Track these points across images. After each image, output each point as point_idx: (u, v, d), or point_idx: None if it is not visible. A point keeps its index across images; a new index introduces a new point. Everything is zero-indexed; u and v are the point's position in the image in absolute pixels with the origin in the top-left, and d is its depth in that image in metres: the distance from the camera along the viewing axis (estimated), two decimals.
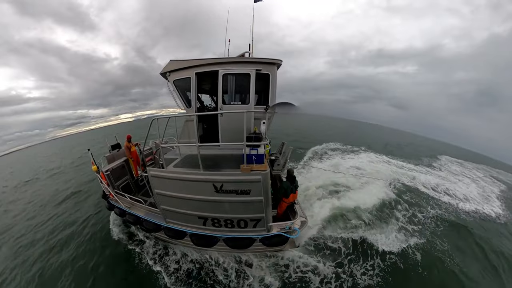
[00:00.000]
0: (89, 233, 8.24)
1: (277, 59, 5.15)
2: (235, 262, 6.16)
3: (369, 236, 7.36)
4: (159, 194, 4.95)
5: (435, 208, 10.09)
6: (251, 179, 4.16)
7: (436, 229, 8.38)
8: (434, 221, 8.89)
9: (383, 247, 6.91)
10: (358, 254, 6.64)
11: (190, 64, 5.19)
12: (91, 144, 35.74)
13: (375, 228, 7.86)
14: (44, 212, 10.80)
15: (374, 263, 6.36)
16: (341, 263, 6.28)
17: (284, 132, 32.74)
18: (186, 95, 5.69)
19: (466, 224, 9.04)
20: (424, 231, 8.13)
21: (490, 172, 20.54)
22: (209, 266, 6.15)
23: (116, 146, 8.69)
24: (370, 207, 9.10)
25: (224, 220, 4.87)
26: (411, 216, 9.08)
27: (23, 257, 7.28)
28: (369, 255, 6.63)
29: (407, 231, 7.92)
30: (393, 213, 9.09)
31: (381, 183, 11.16)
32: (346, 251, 6.75)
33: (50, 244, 7.82)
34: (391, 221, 8.45)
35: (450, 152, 30.37)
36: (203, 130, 6.54)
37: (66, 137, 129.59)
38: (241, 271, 5.95)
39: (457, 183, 14.50)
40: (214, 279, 5.79)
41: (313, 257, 6.39)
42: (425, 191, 12.04)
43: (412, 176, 14.49)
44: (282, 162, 7.51)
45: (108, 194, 7.09)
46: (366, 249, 6.85)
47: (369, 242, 7.12)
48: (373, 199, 9.67)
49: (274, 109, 5.74)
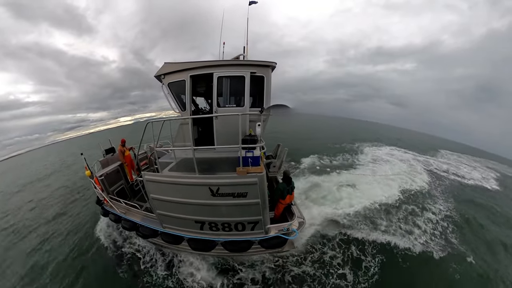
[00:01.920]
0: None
1: (271, 61, 5.18)
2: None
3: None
4: (154, 198, 4.88)
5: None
6: (248, 182, 4.14)
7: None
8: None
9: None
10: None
11: (185, 67, 5.16)
12: (89, 147, 35.35)
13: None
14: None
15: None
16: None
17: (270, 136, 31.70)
18: (180, 98, 5.65)
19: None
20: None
21: (486, 164, 23.75)
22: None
23: (110, 150, 8.55)
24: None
25: (222, 224, 4.83)
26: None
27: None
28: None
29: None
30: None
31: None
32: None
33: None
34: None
35: (448, 147, 33.11)
36: (198, 133, 6.50)
37: (66, 141, 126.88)
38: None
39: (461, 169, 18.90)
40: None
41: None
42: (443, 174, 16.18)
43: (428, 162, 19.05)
44: (278, 164, 7.52)
45: (102, 199, 6.96)
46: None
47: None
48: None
49: (269, 111, 5.76)
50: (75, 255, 7.40)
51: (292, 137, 27.79)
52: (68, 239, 8.38)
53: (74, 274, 6.52)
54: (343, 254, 6.67)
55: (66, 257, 7.33)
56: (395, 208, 9.53)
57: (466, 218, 9.49)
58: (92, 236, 8.35)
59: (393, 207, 9.55)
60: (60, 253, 7.58)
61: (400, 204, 9.88)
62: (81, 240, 8.18)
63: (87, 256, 7.27)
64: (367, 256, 6.64)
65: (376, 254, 6.73)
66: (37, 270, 6.89)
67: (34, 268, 7.00)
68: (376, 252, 6.84)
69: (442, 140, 48.86)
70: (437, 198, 11.32)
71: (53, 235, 8.82)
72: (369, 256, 6.64)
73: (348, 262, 6.43)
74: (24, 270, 6.99)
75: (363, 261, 6.50)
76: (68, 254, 7.45)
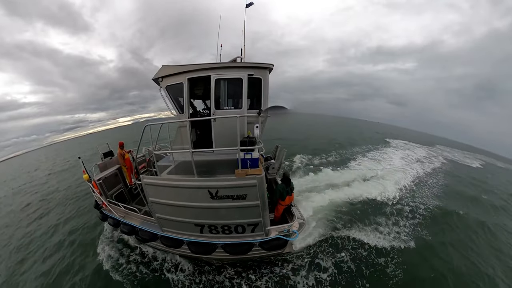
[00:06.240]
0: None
1: (268, 63, 5.20)
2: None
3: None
4: (153, 202, 4.86)
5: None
6: (247, 184, 4.14)
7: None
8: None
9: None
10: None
11: (182, 70, 5.16)
12: (87, 148, 35.24)
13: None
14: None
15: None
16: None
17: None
18: (178, 101, 5.64)
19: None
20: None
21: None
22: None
23: (109, 154, 8.49)
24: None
25: (222, 227, 4.81)
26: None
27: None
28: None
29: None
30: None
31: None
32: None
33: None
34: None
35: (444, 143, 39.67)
36: (197, 136, 6.49)
37: (64, 142, 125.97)
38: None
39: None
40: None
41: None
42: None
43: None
44: (276, 165, 7.52)
45: (100, 203, 6.91)
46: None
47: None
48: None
49: (267, 113, 5.78)
50: None
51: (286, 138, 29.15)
52: None
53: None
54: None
55: None
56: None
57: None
58: None
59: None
60: None
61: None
62: None
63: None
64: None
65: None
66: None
67: None
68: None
69: (442, 139, 52.97)
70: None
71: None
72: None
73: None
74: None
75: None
76: None
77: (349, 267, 6.21)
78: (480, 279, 6.13)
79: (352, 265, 6.27)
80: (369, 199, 10.17)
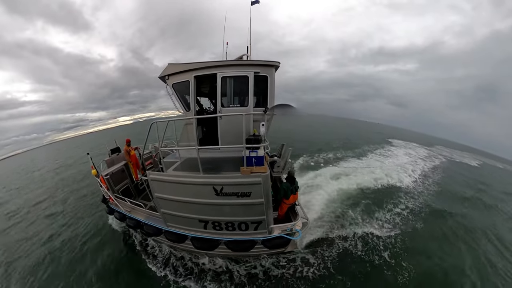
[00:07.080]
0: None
1: (275, 61, 5.17)
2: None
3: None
4: (159, 197, 4.93)
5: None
6: (251, 181, 4.14)
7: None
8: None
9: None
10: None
11: (189, 68, 5.19)
12: (92, 146, 35.88)
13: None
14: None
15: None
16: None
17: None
18: (185, 98, 5.69)
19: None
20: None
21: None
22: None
23: (116, 150, 8.68)
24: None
25: (225, 223, 4.85)
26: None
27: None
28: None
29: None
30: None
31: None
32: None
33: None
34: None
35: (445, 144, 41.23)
36: (203, 133, 6.54)
37: (64, 141, 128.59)
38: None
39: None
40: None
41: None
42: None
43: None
44: (282, 164, 7.49)
45: (107, 198, 7.06)
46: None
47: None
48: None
49: (273, 111, 5.75)
50: None
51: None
52: None
53: None
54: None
55: None
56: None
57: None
58: None
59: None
60: None
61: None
62: None
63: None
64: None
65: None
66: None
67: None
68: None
69: (442, 141, 54.22)
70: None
71: None
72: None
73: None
74: None
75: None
76: None
77: (349, 267, 6.27)
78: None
79: (352, 265, 6.32)
80: (373, 195, 10.65)
